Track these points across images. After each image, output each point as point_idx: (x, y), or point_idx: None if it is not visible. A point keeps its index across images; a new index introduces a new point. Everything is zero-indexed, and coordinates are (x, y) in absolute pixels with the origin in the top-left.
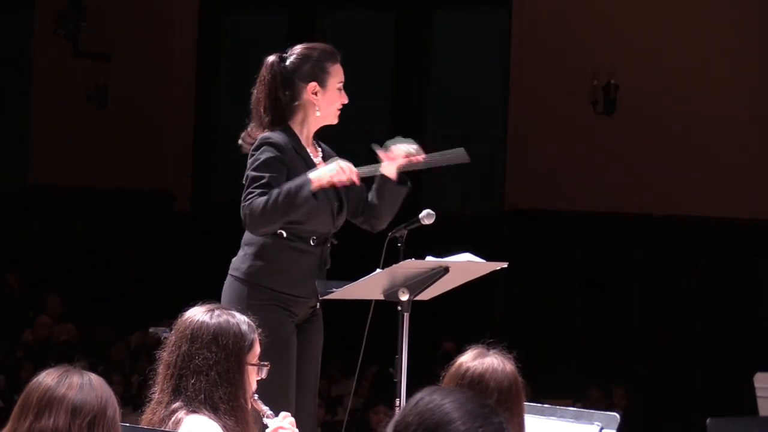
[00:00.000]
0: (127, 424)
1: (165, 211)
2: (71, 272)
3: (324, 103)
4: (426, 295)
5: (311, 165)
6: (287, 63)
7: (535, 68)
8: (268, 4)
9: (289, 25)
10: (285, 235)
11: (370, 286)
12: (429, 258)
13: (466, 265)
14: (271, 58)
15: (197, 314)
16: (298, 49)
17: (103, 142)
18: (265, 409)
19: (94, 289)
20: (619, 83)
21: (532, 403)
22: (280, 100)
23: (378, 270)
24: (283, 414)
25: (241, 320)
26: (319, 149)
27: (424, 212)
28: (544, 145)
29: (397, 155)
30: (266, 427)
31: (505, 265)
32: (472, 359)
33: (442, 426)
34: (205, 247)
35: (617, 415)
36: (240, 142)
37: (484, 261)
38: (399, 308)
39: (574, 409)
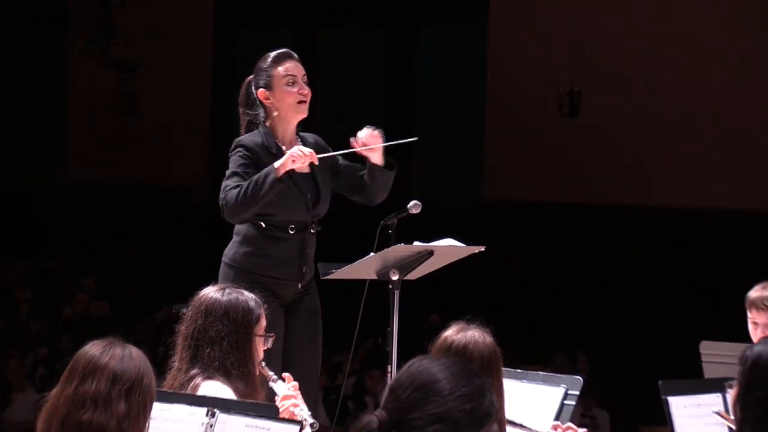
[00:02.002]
0: (159, 390)
1: (184, 203)
2: (105, 257)
3: (277, 104)
4: (414, 274)
5: None
6: (251, 82)
7: (509, 77)
8: (274, 21)
9: (292, 39)
10: (264, 225)
11: (365, 268)
12: (416, 243)
13: (448, 249)
14: (246, 81)
15: (211, 292)
16: (257, 66)
17: (130, 144)
18: (271, 374)
19: (124, 272)
20: (582, 90)
21: (508, 369)
22: (245, 115)
23: (372, 254)
24: (287, 378)
25: (249, 297)
26: (300, 142)
27: (412, 203)
28: (517, 143)
29: (366, 140)
30: (271, 390)
31: (482, 248)
32: (455, 333)
33: (429, 384)
34: (219, 235)
35: (580, 379)
36: None
37: (464, 245)
38: (390, 286)
39: (543, 373)
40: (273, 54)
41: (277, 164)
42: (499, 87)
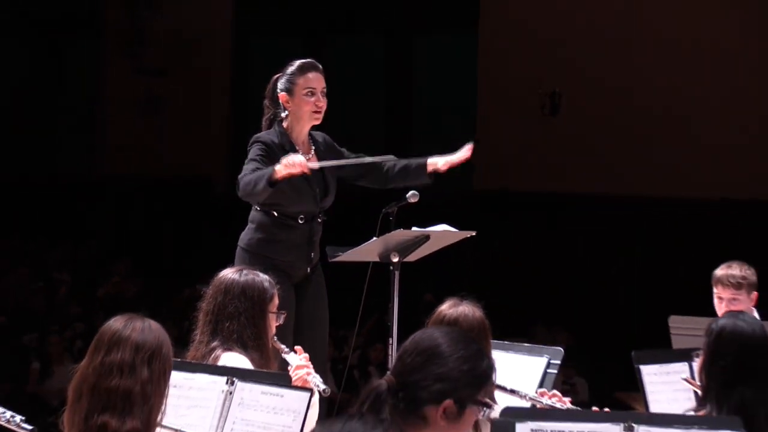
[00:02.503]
0: (178, 360)
1: (206, 193)
2: (135, 242)
3: (294, 108)
4: (412, 257)
5: None
6: (280, 78)
7: (497, 81)
8: (286, 30)
9: (303, 46)
10: (276, 214)
11: (368, 251)
12: (414, 228)
13: (443, 234)
14: (276, 76)
15: (229, 273)
16: (288, 65)
17: (157, 140)
18: (283, 347)
19: (152, 255)
20: (562, 92)
21: (496, 341)
22: (268, 108)
23: (374, 238)
24: (299, 350)
25: (264, 278)
26: (312, 145)
27: (410, 193)
28: (505, 140)
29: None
30: (283, 361)
31: (473, 233)
32: (449, 308)
33: (432, 348)
34: (238, 223)
35: (561, 350)
36: None
37: (456, 230)
38: (391, 268)
39: (528, 345)
40: (300, 62)
41: (277, 167)
42: (488, 89)
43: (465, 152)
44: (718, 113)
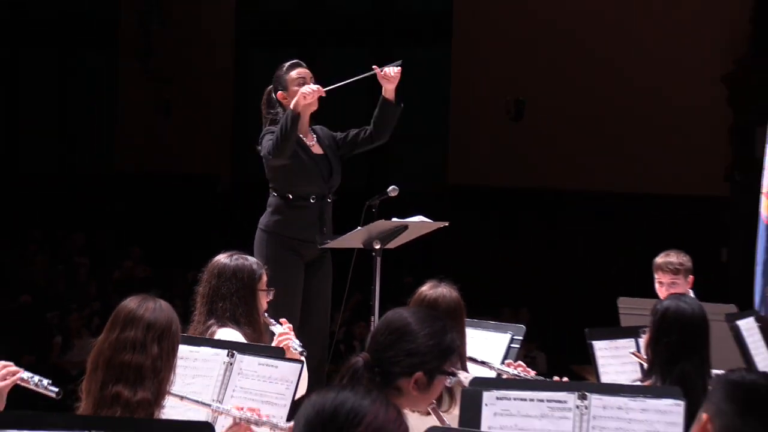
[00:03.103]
0: (185, 335)
1: (210, 189)
2: (146, 231)
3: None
4: (393, 244)
5: (305, 147)
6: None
7: (468, 89)
8: (282, 41)
9: (297, 55)
10: (291, 197)
11: (353, 239)
12: (394, 219)
13: (419, 224)
14: (269, 88)
15: (221, 258)
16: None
17: (166, 140)
18: (272, 320)
19: (161, 243)
20: (525, 99)
21: (468, 319)
22: (265, 117)
23: (359, 228)
24: (283, 322)
25: (252, 261)
26: (314, 135)
27: (391, 188)
28: (474, 141)
29: (388, 75)
30: (274, 334)
31: (446, 223)
32: (428, 289)
33: (402, 327)
34: (240, 215)
35: (523, 327)
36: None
37: (431, 221)
38: (374, 254)
39: (494, 322)
40: (286, 64)
41: (292, 104)
42: (461, 96)
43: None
44: (681, 114)
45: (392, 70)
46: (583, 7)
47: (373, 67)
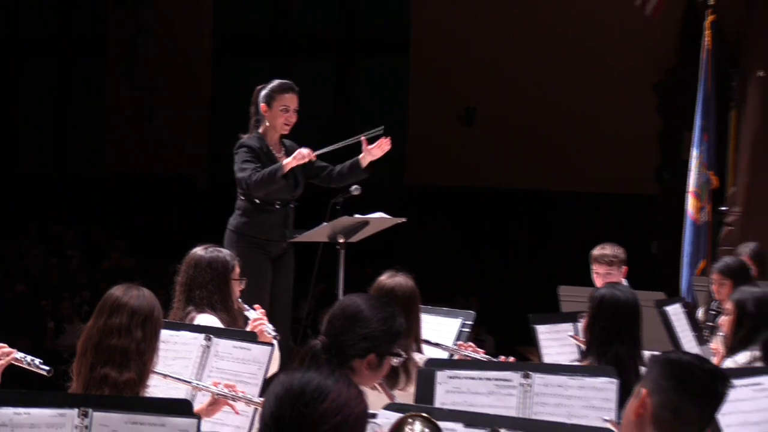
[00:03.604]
0: (166, 320)
1: (190, 187)
2: (132, 226)
3: (271, 119)
4: (355, 238)
5: (273, 159)
6: (263, 90)
7: (424, 97)
8: (257, 54)
9: (269, 67)
10: (258, 202)
11: (319, 233)
12: (356, 215)
13: (379, 220)
14: (259, 87)
15: (197, 251)
16: (271, 82)
17: (151, 143)
18: (246, 306)
19: (146, 237)
20: (475, 107)
21: (423, 305)
22: (255, 111)
23: (324, 223)
24: (257, 307)
25: (226, 253)
26: (283, 147)
27: (353, 187)
28: (429, 144)
29: (373, 151)
30: (248, 319)
31: (404, 220)
32: (386, 278)
33: (356, 314)
34: (216, 213)
35: (473, 312)
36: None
37: (390, 217)
38: (338, 247)
39: (446, 309)
40: (282, 82)
41: (284, 162)
42: (417, 103)
43: (383, 145)
44: (617, 121)
45: (378, 153)
46: (528, 22)
47: (362, 138)
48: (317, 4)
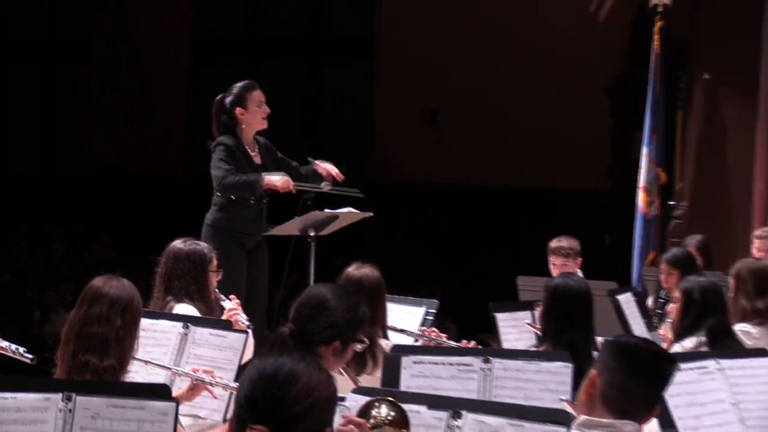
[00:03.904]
0: (146, 309)
1: (168, 183)
2: (113, 220)
3: (249, 119)
4: (325, 232)
5: (248, 157)
6: (227, 98)
7: (389, 100)
8: (229, 59)
9: (241, 71)
10: (234, 198)
11: (292, 227)
12: (326, 210)
13: (348, 214)
14: (218, 97)
15: (177, 243)
16: (233, 88)
17: (132, 142)
18: (222, 296)
19: (126, 230)
20: (437, 109)
21: (389, 295)
22: (222, 121)
23: (296, 218)
24: (232, 298)
25: (204, 246)
26: (257, 146)
27: (323, 183)
28: (394, 143)
29: (330, 172)
30: (224, 308)
31: (371, 214)
32: (354, 270)
33: (322, 303)
34: (195, 208)
35: (436, 301)
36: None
37: (358, 212)
38: (309, 240)
39: (411, 298)
40: (247, 83)
41: (267, 178)
42: (383, 105)
43: (337, 175)
44: (572, 121)
45: (331, 172)
46: (488, 29)
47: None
48: (289, 10)
